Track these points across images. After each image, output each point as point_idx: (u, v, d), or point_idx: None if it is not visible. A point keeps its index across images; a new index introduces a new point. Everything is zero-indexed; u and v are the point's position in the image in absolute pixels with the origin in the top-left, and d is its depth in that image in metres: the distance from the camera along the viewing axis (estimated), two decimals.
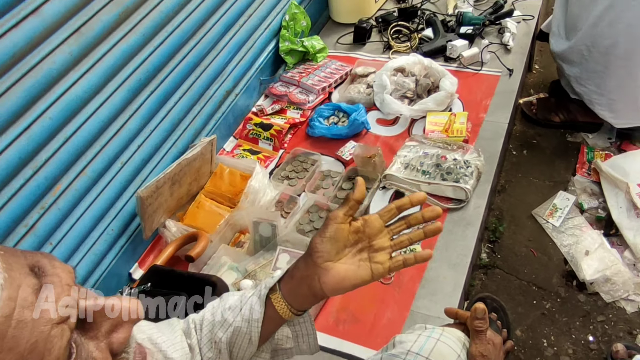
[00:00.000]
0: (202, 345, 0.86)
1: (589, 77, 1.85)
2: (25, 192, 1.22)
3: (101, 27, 1.33)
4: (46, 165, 1.26)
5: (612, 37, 1.72)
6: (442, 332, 0.92)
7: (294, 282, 0.80)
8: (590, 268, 1.72)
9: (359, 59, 2.13)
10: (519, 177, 2.05)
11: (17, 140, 1.18)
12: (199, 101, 1.75)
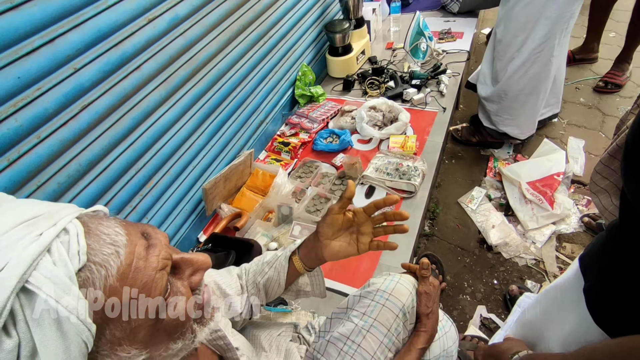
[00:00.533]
0: (248, 285, 0.87)
1: (504, 110, 1.85)
2: (130, 185, 1.22)
3: (180, 79, 1.32)
4: (144, 168, 1.26)
5: (522, 84, 1.72)
6: (400, 277, 0.90)
7: (307, 250, 0.82)
8: (495, 236, 1.72)
9: (346, 101, 2.12)
10: (449, 177, 2.04)
11: (125, 151, 1.18)
12: (242, 127, 1.74)
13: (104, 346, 0.37)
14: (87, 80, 1.02)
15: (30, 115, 0.92)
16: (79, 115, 1.02)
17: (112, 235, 0.38)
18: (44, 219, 0.35)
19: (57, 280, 0.32)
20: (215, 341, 0.65)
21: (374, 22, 2.49)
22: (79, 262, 0.34)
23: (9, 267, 0.30)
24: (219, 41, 1.46)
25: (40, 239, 0.33)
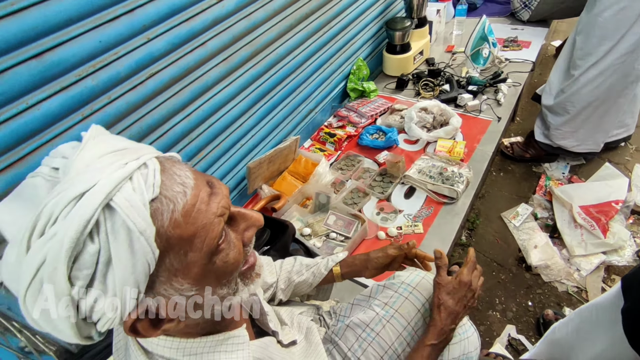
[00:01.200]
0: (280, 278, 0.94)
1: (567, 122, 1.75)
2: (182, 154, 1.29)
3: (240, 59, 1.37)
4: (197, 139, 1.32)
5: (594, 95, 1.62)
6: (426, 273, 0.90)
7: (350, 270, 0.96)
8: (536, 257, 1.64)
9: (397, 99, 2.09)
10: (495, 190, 1.96)
11: (182, 121, 1.24)
12: (292, 113, 1.77)
13: (162, 273, 0.41)
14: (157, 50, 1.09)
15: (105, 77, 1.00)
16: (147, 82, 1.09)
17: (182, 177, 0.41)
18: (129, 152, 0.39)
19: (134, 204, 0.36)
20: (249, 303, 0.68)
21: (437, 24, 2.42)
22: (153, 193, 0.38)
23: (99, 185, 0.35)
24: (280, 27, 1.49)
25: (125, 167, 0.37)
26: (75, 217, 0.34)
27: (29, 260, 0.35)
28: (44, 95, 0.89)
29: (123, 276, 0.37)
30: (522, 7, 2.46)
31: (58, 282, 0.35)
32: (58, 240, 0.34)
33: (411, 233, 1.45)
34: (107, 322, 0.40)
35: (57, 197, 0.35)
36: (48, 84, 0.90)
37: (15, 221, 0.37)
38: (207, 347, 0.50)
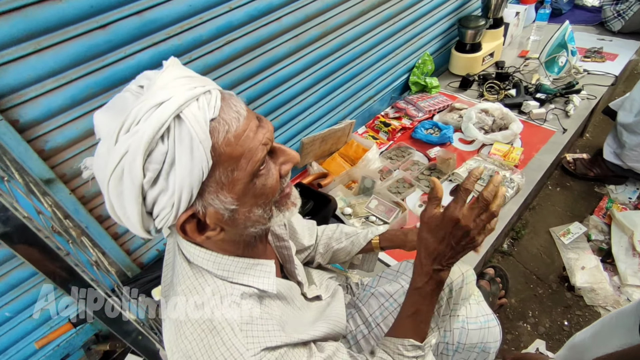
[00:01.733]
0: (319, 242, 0.97)
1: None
2: None
3: (310, 37, 1.43)
4: (259, 108, 1.41)
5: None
6: None
7: (391, 242, 0.94)
8: (582, 278, 1.55)
9: (458, 98, 2.05)
10: (548, 204, 1.86)
11: (248, 89, 1.34)
12: (351, 98, 1.81)
13: (212, 184, 0.48)
14: (236, 20, 1.18)
15: (190, 38, 1.11)
16: (223, 47, 1.19)
17: (237, 107, 0.49)
18: (199, 80, 0.48)
19: (198, 119, 0.44)
20: (280, 249, 0.75)
21: (514, 26, 2.32)
22: (213, 114, 0.46)
23: (173, 98, 0.44)
24: (352, 11, 1.53)
25: (194, 90, 0.45)
26: (153, 120, 0.42)
27: (116, 150, 0.43)
28: (138, 47, 1.02)
29: (182, 177, 0.45)
30: (614, 16, 2.27)
31: (135, 169, 0.43)
32: (139, 136, 0.42)
33: None
34: (164, 218, 0.48)
35: (140, 105, 0.43)
36: (143, 39, 1.02)
37: (107, 124, 0.45)
38: (238, 267, 0.57)
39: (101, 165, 0.45)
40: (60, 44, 0.89)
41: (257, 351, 0.50)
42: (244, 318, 0.52)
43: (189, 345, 0.51)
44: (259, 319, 0.53)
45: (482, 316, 0.85)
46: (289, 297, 0.66)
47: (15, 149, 0.90)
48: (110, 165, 0.43)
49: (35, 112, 0.92)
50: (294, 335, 0.57)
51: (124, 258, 1.25)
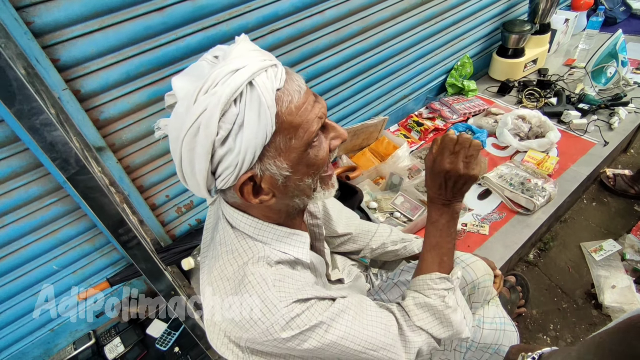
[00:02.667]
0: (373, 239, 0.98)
1: None
2: None
3: (351, 32, 1.46)
4: None
5: None
6: (480, 259, 0.91)
7: None
8: (611, 297, 1.49)
9: (495, 103, 2.02)
10: (581, 218, 1.80)
11: None
12: (386, 94, 1.83)
13: (271, 150, 0.53)
14: (281, 10, 1.23)
15: (237, 25, 1.16)
16: (267, 36, 1.24)
17: (299, 82, 0.54)
18: (267, 55, 0.53)
19: (267, 87, 0.49)
20: (313, 227, 0.79)
21: (561, 33, 2.24)
22: (279, 84, 0.51)
23: (247, 66, 0.48)
24: (395, 8, 1.55)
25: (264, 61, 0.50)
26: (230, 83, 0.47)
27: (194, 108, 0.47)
28: (189, 31, 1.09)
29: (248, 139, 0.49)
30: None
31: (211, 126, 0.47)
32: (217, 97, 0.47)
33: (475, 232, 1.44)
34: (226, 177, 0.52)
35: (219, 70, 0.48)
36: (194, 23, 1.09)
37: (184, 87, 0.50)
38: (277, 235, 0.62)
39: (178, 123, 0.50)
40: (122, 23, 0.97)
41: (288, 302, 0.54)
42: (276, 275, 0.57)
43: (226, 297, 0.56)
44: (290, 278, 0.58)
45: (499, 318, 0.86)
46: (318, 270, 0.70)
47: (75, 116, 0.99)
48: (187, 122, 0.48)
49: (94, 84, 1.00)
50: (324, 292, 0.60)
51: (159, 228, 1.34)
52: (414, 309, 0.69)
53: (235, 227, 0.62)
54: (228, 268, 0.58)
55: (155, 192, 1.28)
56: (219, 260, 0.59)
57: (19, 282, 1.15)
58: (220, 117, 0.47)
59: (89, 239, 1.20)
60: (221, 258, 0.59)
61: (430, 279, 0.71)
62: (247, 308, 0.54)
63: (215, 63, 0.51)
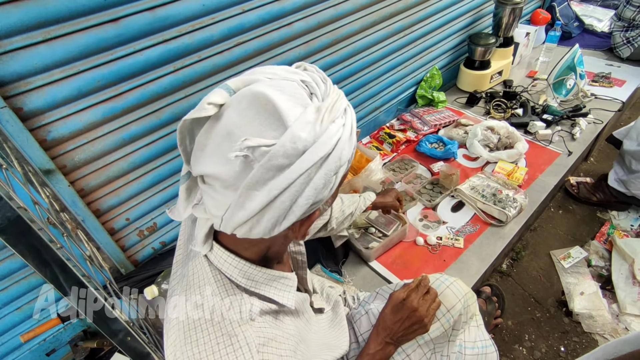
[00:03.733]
0: (334, 209, 1.04)
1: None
2: None
3: (320, 44, 1.44)
4: None
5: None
6: (453, 281, 0.87)
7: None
8: (580, 304, 1.53)
9: (465, 114, 2.05)
10: (549, 226, 1.85)
11: None
12: (357, 107, 1.81)
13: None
14: (248, 22, 1.18)
15: (200, 37, 1.10)
16: (233, 49, 1.19)
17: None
18: None
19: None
20: (295, 254, 0.74)
21: (523, 47, 2.33)
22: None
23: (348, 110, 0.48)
24: (364, 21, 1.54)
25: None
26: (351, 118, 0.48)
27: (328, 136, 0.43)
28: (148, 43, 1.02)
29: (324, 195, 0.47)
30: (623, 43, 2.28)
31: (342, 158, 0.45)
32: (348, 128, 0.46)
33: (451, 246, 1.43)
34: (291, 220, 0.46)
35: (336, 104, 0.45)
36: (154, 35, 1.02)
37: (288, 107, 0.42)
38: (263, 278, 0.55)
39: (297, 150, 0.41)
40: (71, 35, 0.88)
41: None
42: (261, 339, 0.50)
43: (199, 355, 0.48)
44: (274, 341, 0.52)
45: (480, 341, 0.83)
46: (301, 310, 0.65)
47: (16, 137, 0.89)
48: (319, 152, 0.42)
49: (40, 101, 0.91)
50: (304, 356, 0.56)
51: (119, 254, 1.23)
52: None
53: (216, 266, 0.54)
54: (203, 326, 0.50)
55: (113, 216, 1.18)
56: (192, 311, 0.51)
57: None
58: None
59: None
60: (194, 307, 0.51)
61: None
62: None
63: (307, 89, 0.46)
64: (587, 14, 2.70)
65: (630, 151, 1.67)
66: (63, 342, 1.25)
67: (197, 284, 0.53)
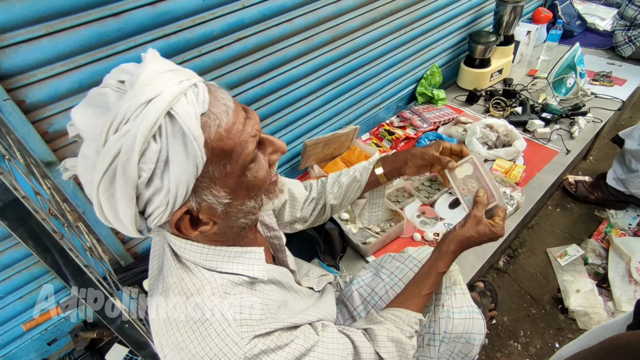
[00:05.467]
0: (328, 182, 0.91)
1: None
2: None
3: (320, 41, 1.44)
4: (265, 107, 1.41)
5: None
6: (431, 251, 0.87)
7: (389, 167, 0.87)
8: (576, 301, 1.54)
9: (464, 112, 2.05)
10: (547, 224, 1.86)
11: (255, 88, 1.33)
12: (357, 104, 1.82)
13: (205, 179, 0.47)
14: (248, 18, 1.19)
15: (201, 32, 1.11)
16: (234, 44, 1.20)
17: (225, 99, 0.48)
18: (182, 73, 0.46)
19: (189, 115, 0.43)
20: (272, 239, 0.75)
21: (524, 45, 2.32)
22: (203, 108, 0.45)
23: (162, 94, 0.42)
24: (364, 18, 1.54)
25: (181, 83, 0.44)
26: (145, 118, 0.40)
27: (105, 151, 0.41)
28: (149, 38, 1.03)
29: (177, 175, 0.44)
30: (625, 42, 2.28)
31: (129, 170, 0.41)
32: (131, 135, 0.40)
33: None
34: (157, 216, 0.47)
35: (129, 102, 0.41)
36: (154, 30, 1.03)
37: (90, 122, 0.43)
38: (227, 256, 0.57)
39: (88, 168, 0.43)
40: (73, 29, 0.90)
41: (250, 338, 0.50)
42: (235, 307, 0.52)
43: (181, 337, 0.51)
44: (250, 307, 0.53)
45: (467, 307, 0.85)
46: (284, 282, 0.67)
47: (19, 129, 0.90)
48: (100, 167, 0.41)
49: (42, 94, 0.92)
50: (287, 320, 0.57)
51: (119, 246, 1.25)
52: (385, 340, 0.70)
53: (180, 255, 0.57)
54: (180, 310, 0.52)
55: None
56: (169, 299, 0.54)
57: None
58: (139, 158, 0.41)
59: (38, 261, 1.10)
60: (171, 296, 0.54)
61: (415, 318, 0.74)
62: (204, 348, 0.49)
63: (121, 90, 0.44)
64: (590, 13, 2.70)
65: (631, 150, 1.67)
66: (64, 332, 1.27)
67: (167, 273, 0.56)
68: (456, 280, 0.88)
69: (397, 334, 0.71)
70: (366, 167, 0.89)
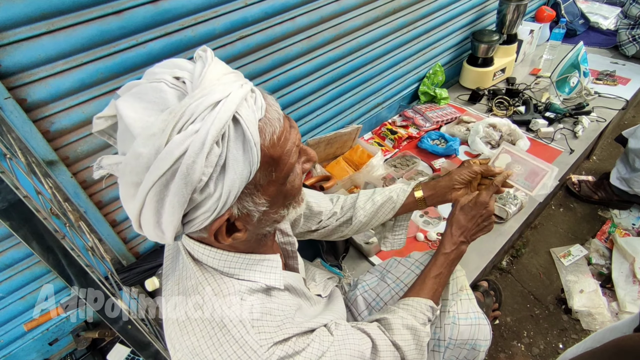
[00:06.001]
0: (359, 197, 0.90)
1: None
2: None
3: (323, 39, 1.43)
4: None
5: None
6: None
7: (432, 191, 0.88)
8: (580, 302, 1.53)
9: (467, 111, 2.04)
10: (550, 224, 1.85)
11: (259, 86, 1.33)
12: (359, 103, 1.81)
13: (249, 186, 0.46)
14: (250, 16, 1.18)
15: (203, 31, 1.10)
16: (236, 43, 1.19)
17: (276, 106, 0.48)
18: (240, 76, 0.46)
19: (251, 120, 0.42)
20: (284, 245, 0.74)
21: (527, 44, 2.31)
22: (261, 113, 0.44)
23: (231, 96, 0.41)
24: (367, 16, 1.53)
25: (243, 87, 0.43)
26: (216, 119, 0.39)
27: (168, 151, 0.38)
28: (151, 36, 1.02)
29: (232, 180, 0.42)
30: (629, 40, 2.27)
31: (193, 172, 0.39)
32: (201, 136, 0.38)
33: None
34: (198, 223, 0.45)
35: (197, 101, 0.39)
36: (156, 28, 1.02)
37: (142, 118, 0.40)
38: (246, 263, 0.56)
39: (139, 168, 0.40)
40: (74, 27, 0.89)
41: (268, 346, 0.49)
42: (254, 314, 0.51)
43: (197, 342, 0.49)
44: (268, 314, 0.53)
45: (473, 313, 0.84)
46: (297, 288, 0.66)
47: (20, 128, 0.90)
48: (159, 168, 0.39)
49: (43, 92, 0.91)
50: (304, 324, 0.57)
51: (120, 246, 1.24)
52: (400, 327, 0.70)
53: (198, 260, 0.56)
54: (197, 315, 0.51)
55: (116, 208, 1.19)
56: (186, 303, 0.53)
57: None
58: (205, 161, 0.39)
59: (39, 261, 1.09)
60: (188, 300, 0.53)
61: (426, 304, 0.75)
62: (222, 354, 0.48)
63: (178, 87, 0.42)
64: (593, 12, 2.68)
65: (634, 149, 1.66)
66: (66, 332, 1.26)
67: (184, 276, 0.55)
68: (462, 287, 0.87)
69: (412, 321, 0.72)
70: (404, 189, 0.89)
